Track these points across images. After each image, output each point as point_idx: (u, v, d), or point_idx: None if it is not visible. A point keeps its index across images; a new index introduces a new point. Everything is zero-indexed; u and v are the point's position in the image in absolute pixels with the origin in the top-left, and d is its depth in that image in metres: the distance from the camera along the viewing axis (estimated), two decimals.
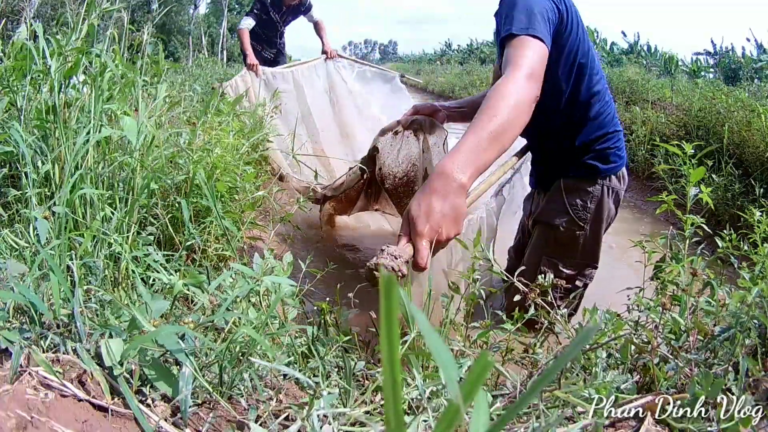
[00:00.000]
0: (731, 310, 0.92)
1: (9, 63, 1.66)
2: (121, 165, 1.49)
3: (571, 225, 1.82)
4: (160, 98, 1.72)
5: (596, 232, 1.83)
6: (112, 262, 1.22)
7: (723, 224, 2.96)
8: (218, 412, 0.78)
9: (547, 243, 1.89)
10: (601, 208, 1.80)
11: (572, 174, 1.83)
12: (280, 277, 0.96)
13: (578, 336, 0.21)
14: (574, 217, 1.82)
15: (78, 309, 0.82)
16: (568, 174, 1.84)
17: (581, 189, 1.81)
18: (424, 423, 0.72)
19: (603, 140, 1.77)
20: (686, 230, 1.18)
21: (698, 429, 0.70)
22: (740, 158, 3.50)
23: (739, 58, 9.41)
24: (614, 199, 1.83)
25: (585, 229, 1.82)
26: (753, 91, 5.53)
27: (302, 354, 1.01)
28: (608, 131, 1.77)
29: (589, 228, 1.82)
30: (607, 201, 1.81)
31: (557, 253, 1.86)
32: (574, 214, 1.82)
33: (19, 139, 1.31)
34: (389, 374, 0.20)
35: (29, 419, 0.62)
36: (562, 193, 1.84)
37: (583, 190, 1.80)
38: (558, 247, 1.86)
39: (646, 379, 0.87)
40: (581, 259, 1.85)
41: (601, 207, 1.80)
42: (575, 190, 1.82)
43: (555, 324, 1.05)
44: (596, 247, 1.86)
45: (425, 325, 0.20)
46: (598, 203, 1.80)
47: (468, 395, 0.19)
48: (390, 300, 0.19)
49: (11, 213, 1.34)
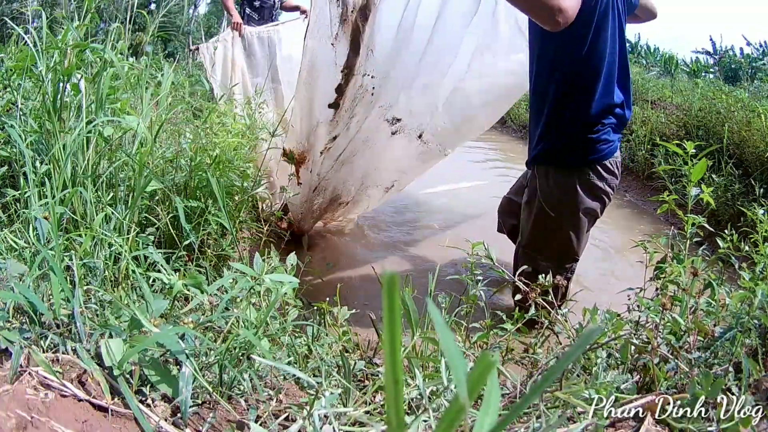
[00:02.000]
0: (732, 311, 0.92)
1: (9, 63, 1.66)
2: (122, 165, 1.49)
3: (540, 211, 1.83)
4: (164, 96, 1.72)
5: (572, 225, 1.81)
6: (112, 262, 1.22)
7: (723, 224, 2.96)
8: (218, 412, 0.78)
9: (522, 230, 1.92)
10: (573, 199, 1.77)
11: (547, 155, 1.81)
12: (281, 274, 0.96)
13: (580, 338, 0.21)
14: (543, 203, 1.82)
15: (78, 309, 0.82)
16: (545, 153, 1.82)
17: (552, 174, 1.80)
18: (425, 423, 0.72)
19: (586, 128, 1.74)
20: (687, 230, 1.18)
21: (698, 429, 0.70)
22: (740, 158, 3.50)
23: (738, 57, 9.41)
24: (590, 193, 1.78)
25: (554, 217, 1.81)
26: (753, 91, 5.54)
27: (302, 354, 1.01)
28: (592, 121, 1.73)
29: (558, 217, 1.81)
30: (581, 193, 1.77)
31: (532, 243, 1.88)
32: (544, 200, 1.81)
33: (18, 138, 1.31)
34: (391, 374, 0.20)
35: (29, 419, 0.62)
36: (535, 176, 1.84)
37: (554, 177, 1.79)
38: (532, 235, 1.88)
39: (646, 379, 0.87)
40: (557, 251, 1.85)
41: (575, 198, 1.77)
42: (545, 175, 1.81)
43: (555, 324, 1.05)
44: (571, 240, 1.84)
45: (440, 322, 0.20)
46: (569, 193, 1.77)
47: (471, 393, 0.19)
48: (392, 299, 0.19)
49: (10, 213, 1.34)
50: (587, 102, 1.70)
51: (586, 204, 1.79)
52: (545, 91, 1.75)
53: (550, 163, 1.81)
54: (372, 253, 2.81)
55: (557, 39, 1.61)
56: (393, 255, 2.80)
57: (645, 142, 4.43)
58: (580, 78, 1.68)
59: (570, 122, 1.73)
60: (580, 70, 1.67)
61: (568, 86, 1.69)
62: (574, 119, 1.73)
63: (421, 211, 3.42)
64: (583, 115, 1.72)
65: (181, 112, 2.15)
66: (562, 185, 1.78)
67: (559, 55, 1.68)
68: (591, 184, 1.77)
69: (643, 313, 1.00)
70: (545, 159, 1.81)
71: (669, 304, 0.95)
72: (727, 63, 9.41)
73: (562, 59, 1.68)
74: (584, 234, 1.87)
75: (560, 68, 1.69)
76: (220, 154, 1.82)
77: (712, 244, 1.33)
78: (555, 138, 1.77)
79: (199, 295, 1.00)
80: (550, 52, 1.70)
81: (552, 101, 1.74)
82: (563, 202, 1.78)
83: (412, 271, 2.58)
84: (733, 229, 1.25)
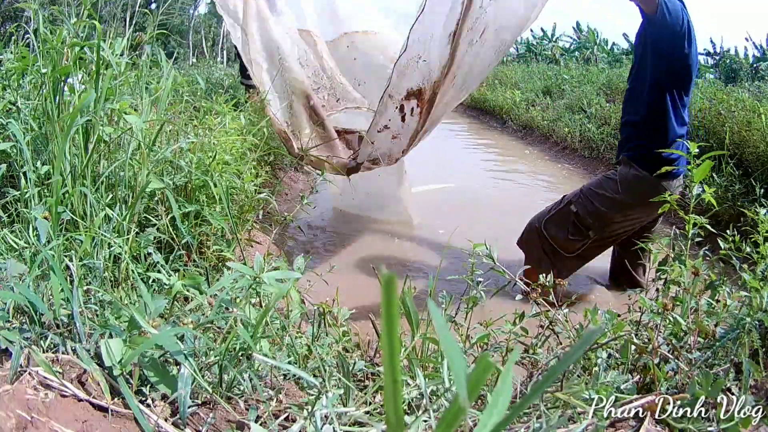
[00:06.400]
0: (733, 312, 0.92)
1: (9, 64, 1.66)
2: (121, 165, 1.49)
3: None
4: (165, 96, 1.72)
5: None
6: (112, 262, 1.22)
7: (723, 224, 2.96)
8: (218, 412, 0.78)
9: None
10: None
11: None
12: (281, 271, 0.96)
13: (581, 339, 0.21)
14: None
15: (77, 309, 0.82)
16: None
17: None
18: (425, 423, 0.72)
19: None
20: (688, 230, 1.18)
21: (698, 429, 0.70)
22: (740, 158, 3.50)
23: (739, 58, 9.40)
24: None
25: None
26: (753, 91, 5.53)
27: (302, 355, 1.01)
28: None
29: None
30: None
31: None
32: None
33: (18, 135, 1.31)
34: (389, 374, 0.20)
35: (29, 419, 0.62)
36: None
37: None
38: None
39: (646, 379, 0.87)
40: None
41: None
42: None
43: (555, 323, 1.05)
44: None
45: (440, 322, 0.20)
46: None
47: (470, 395, 0.19)
48: (390, 299, 0.19)
49: (10, 213, 1.34)
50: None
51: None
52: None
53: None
54: (373, 252, 2.81)
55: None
56: (393, 255, 2.81)
57: None
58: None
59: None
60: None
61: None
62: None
63: (421, 210, 3.42)
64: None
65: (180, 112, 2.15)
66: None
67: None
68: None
69: (646, 315, 1.00)
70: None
71: (671, 305, 0.95)
72: (727, 64, 9.40)
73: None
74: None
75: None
76: (220, 154, 1.81)
77: (712, 245, 1.33)
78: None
79: (198, 296, 1.00)
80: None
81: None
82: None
83: (413, 271, 2.58)
84: (734, 229, 1.25)
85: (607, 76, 7.54)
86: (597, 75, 8.21)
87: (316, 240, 2.97)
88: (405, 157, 2.64)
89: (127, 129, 1.48)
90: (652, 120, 2.17)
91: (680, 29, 1.98)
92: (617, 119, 5.16)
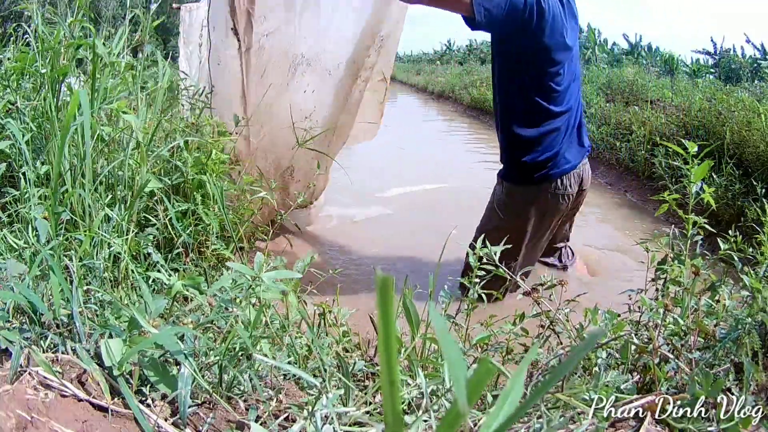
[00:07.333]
0: (734, 312, 0.92)
1: (8, 64, 1.66)
2: (120, 164, 1.49)
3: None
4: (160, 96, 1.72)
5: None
6: (111, 262, 1.22)
7: (723, 224, 2.96)
8: (218, 412, 0.78)
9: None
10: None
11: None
12: (281, 271, 0.96)
13: (583, 341, 0.21)
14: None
15: (77, 309, 0.82)
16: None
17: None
18: (425, 423, 0.72)
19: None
20: (688, 230, 1.18)
21: (698, 429, 0.70)
22: (740, 158, 3.49)
23: (739, 58, 9.39)
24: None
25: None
26: (753, 91, 5.53)
27: (302, 355, 1.01)
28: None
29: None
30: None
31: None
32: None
33: (17, 135, 1.30)
34: (386, 375, 0.20)
35: (29, 419, 0.62)
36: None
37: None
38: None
39: (646, 379, 0.87)
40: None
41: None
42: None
43: (556, 323, 1.05)
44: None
45: (440, 325, 0.20)
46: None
47: (470, 399, 0.19)
48: (386, 302, 0.19)
49: (10, 213, 1.34)
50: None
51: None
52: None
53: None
54: (373, 252, 2.81)
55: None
56: (393, 254, 2.81)
57: (645, 142, 4.43)
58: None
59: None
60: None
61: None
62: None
63: (421, 209, 3.42)
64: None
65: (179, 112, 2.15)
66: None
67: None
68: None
69: (646, 314, 1.00)
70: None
71: (671, 305, 0.94)
72: (727, 63, 9.40)
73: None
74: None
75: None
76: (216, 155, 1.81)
77: (712, 245, 1.33)
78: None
79: (198, 296, 1.00)
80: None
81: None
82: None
83: (413, 271, 2.58)
84: (736, 229, 1.25)
85: (607, 76, 7.53)
86: (597, 75, 8.20)
87: (316, 240, 2.97)
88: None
89: (123, 129, 1.49)
90: (507, 125, 2.16)
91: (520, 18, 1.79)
92: (617, 119, 5.16)
